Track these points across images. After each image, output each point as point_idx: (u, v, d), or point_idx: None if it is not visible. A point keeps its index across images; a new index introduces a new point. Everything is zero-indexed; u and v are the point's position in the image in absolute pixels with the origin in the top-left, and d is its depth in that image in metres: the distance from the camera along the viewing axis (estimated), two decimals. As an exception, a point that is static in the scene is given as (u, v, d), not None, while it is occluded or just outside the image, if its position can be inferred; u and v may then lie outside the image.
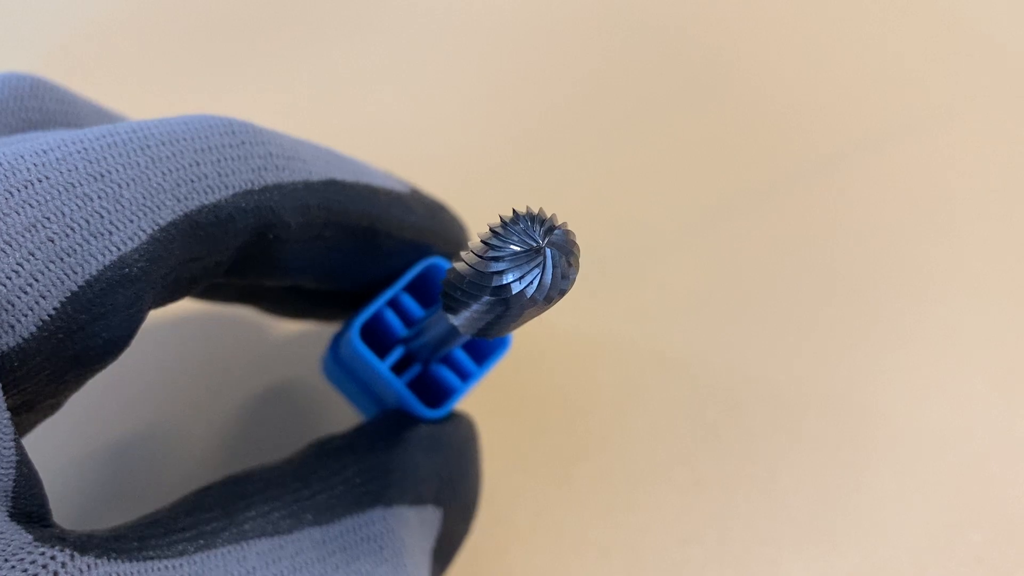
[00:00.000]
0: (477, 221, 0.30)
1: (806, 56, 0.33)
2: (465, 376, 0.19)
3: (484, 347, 0.20)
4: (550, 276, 0.13)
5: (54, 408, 0.16)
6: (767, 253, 0.30)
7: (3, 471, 0.13)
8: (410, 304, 0.19)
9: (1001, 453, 0.27)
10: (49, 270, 0.14)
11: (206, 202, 0.15)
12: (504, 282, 0.13)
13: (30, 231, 0.14)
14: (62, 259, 0.14)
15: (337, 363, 0.21)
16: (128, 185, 0.15)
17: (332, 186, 0.17)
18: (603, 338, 0.28)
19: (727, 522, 0.25)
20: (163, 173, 0.15)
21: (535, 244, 0.13)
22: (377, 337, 0.19)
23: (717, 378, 0.27)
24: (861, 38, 0.34)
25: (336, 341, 0.20)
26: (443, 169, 0.31)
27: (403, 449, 0.18)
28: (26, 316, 0.14)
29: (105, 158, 0.15)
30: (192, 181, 0.15)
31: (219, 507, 0.16)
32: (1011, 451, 0.27)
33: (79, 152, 0.15)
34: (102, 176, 0.15)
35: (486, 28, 0.33)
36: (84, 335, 0.14)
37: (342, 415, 0.25)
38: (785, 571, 0.25)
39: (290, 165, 0.17)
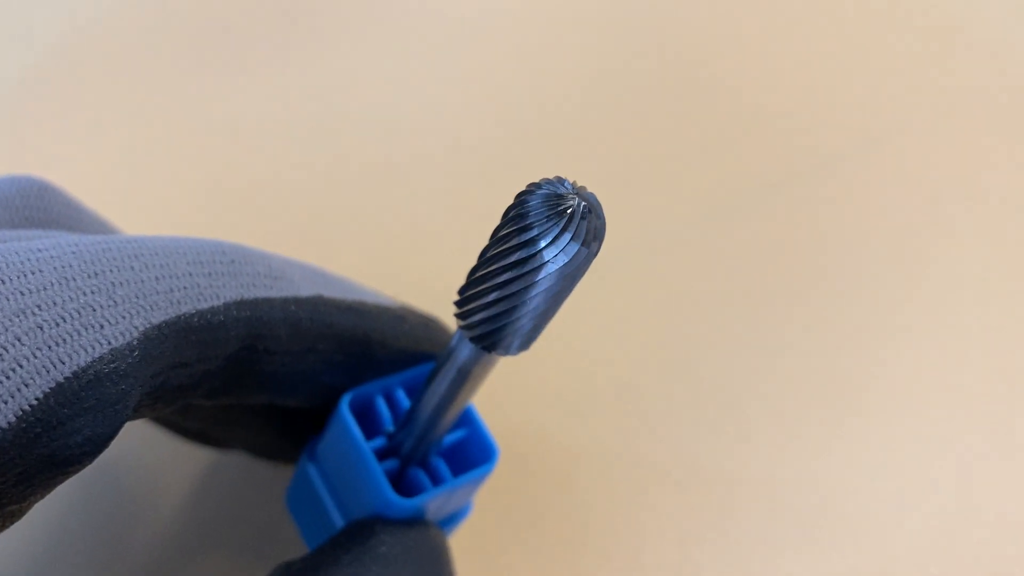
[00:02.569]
0: (475, 220, 0.30)
1: (807, 57, 0.33)
2: (439, 483, 0.18)
3: (465, 462, 0.19)
4: (581, 236, 0.13)
5: (16, 516, 0.15)
6: (767, 252, 0.30)
7: None
8: (403, 401, 0.19)
9: (1001, 453, 0.27)
10: (36, 357, 0.13)
11: (199, 307, 0.15)
12: (537, 248, 0.13)
13: (19, 316, 0.14)
14: (50, 347, 0.14)
15: (307, 469, 0.20)
16: (122, 284, 0.15)
17: (321, 301, 0.17)
18: (603, 338, 0.28)
19: (727, 522, 0.25)
20: (156, 278, 0.15)
21: (564, 206, 0.13)
22: (364, 424, 0.19)
23: (718, 378, 0.27)
24: (861, 39, 0.34)
25: (312, 444, 0.20)
26: (442, 169, 0.31)
27: (371, 560, 0.17)
28: (6, 403, 0.13)
29: (100, 259, 0.15)
30: (185, 288, 0.15)
31: None
32: (1011, 451, 0.27)
33: (73, 253, 0.15)
34: (96, 274, 0.15)
35: (489, 31, 0.33)
36: (64, 431, 0.14)
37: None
38: (785, 571, 0.25)
39: (277, 284, 0.17)
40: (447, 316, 0.20)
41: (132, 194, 0.30)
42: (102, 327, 0.14)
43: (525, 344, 0.15)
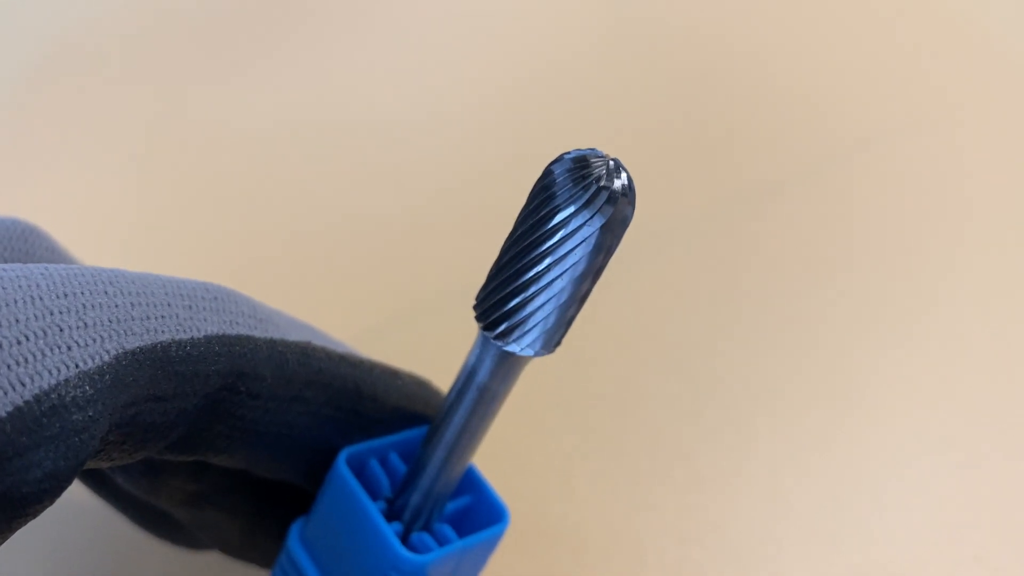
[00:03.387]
0: (473, 219, 0.30)
1: (810, 56, 0.33)
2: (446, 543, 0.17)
3: (472, 527, 0.18)
4: (616, 199, 0.12)
5: None
6: (767, 253, 0.30)
7: None
8: (399, 465, 0.18)
9: (1001, 453, 0.27)
10: None
11: (178, 337, 0.14)
12: (564, 216, 0.12)
13: None
14: (10, 367, 0.12)
15: (294, 552, 0.18)
16: (94, 307, 0.14)
17: (310, 347, 0.16)
18: (603, 338, 0.28)
19: (727, 522, 0.25)
20: (132, 304, 0.14)
21: (590, 170, 0.12)
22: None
23: (718, 377, 0.27)
24: (864, 39, 0.34)
25: (297, 524, 0.18)
26: (441, 168, 0.31)
27: None
28: None
29: (70, 281, 0.14)
30: (163, 317, 0.14)
31: None
32: (1011, 451, 0.27)
33: (42, 274, 0.13)
34: (66, 295, 0.13)
35: (491, 31, 0.32)
36: (20, 464, 0.12)
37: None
38: (785, 571, 0.25)
39: (262, 326, 0.16)
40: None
41: (124, 195, 0.30)
42: (70, 348, 0.13)
43: (557, 333, 0.14)
